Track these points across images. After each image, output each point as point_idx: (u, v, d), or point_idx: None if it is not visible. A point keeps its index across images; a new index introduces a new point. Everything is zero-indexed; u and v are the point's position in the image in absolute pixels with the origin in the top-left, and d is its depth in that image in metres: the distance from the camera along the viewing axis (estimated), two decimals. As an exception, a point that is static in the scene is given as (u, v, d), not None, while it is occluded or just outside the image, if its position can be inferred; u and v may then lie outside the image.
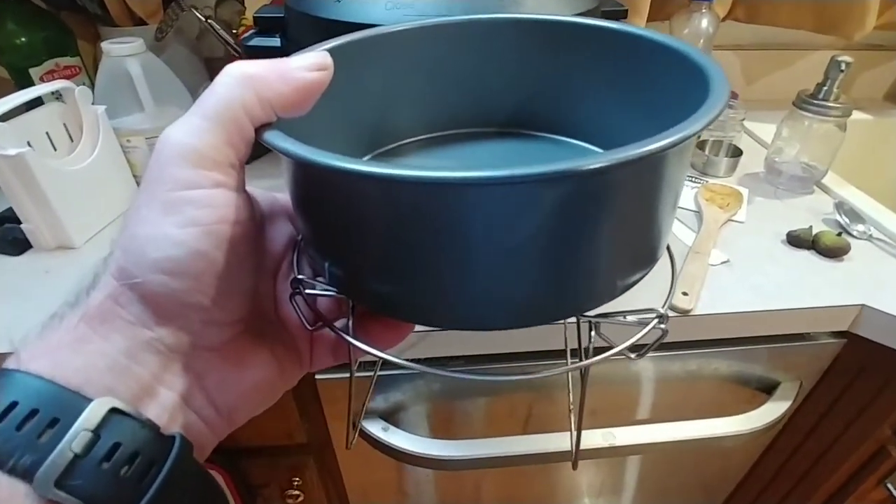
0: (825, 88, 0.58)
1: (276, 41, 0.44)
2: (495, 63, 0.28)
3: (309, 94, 0.19)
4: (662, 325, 0.21)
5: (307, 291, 0.22)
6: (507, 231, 0.16)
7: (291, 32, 0.43)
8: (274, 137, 0.17)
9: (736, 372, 0.54)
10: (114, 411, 0.16)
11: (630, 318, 0.21)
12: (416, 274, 0.18)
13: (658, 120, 0.22)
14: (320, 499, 0.66)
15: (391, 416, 0.53)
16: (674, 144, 0.15)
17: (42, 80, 0.63)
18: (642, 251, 0.20)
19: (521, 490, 0.70)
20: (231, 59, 0.22)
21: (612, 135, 0.27)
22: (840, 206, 0.57)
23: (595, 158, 0.14)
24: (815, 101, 0.58)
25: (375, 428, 0.52)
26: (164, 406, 0.18)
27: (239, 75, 0.18)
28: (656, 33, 0.24)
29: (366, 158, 0.28)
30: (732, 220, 0.57)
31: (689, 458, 0.68)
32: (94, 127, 0.55)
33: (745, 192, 0.62)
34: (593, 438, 0.52)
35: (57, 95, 0.54)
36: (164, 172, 0.18)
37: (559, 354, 0.49)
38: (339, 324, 0.23)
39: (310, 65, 0.19)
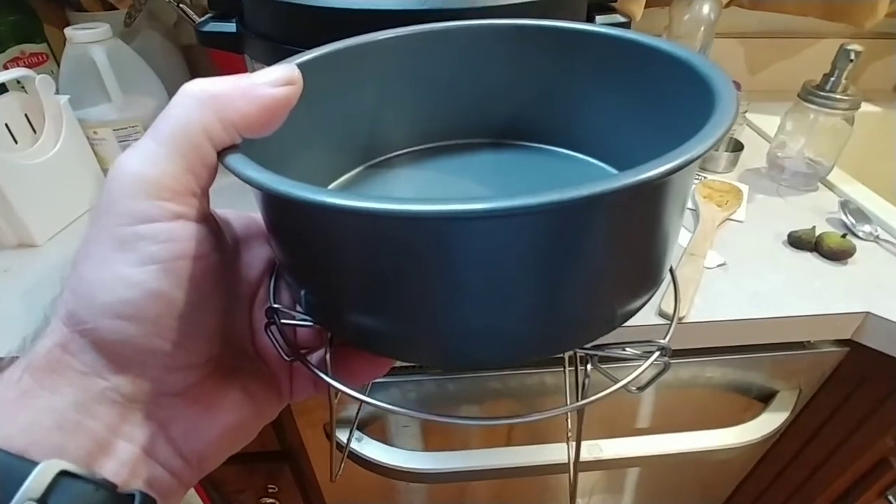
0: (833, 79, 0.54)
1: (231, 26, 0.40)
2: (490, 71, 0.27)
3: (276, 113, 0.17)
4: (664, 359, 0.20)
5: (283, 322, 0.20)
6: (497, 263, 0.15)
7: (248, 17, 0.40)
8: (237, 163, 0.16)
9: (731, 381, 0.52)
10: (63, 474, 0.15)
11: (630, 350, 0.20)
12: (396, 309, 0.17)
13: (661, 131, 0.21)
14: (298, 505, 0.64)
15: (367, 426, 0.51)
16: (679, 168, 0.14)
17: (6, 67, 0.60)
18: (645, 277, 0.18)
19: (513, 490, 0.68)
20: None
21: (612, 146, 0.26)
22: (845, 205, 0.54)
23: (585, 187, 0.13)
24: (822, 93, 0.55)
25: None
26: (122, 461, 0.17)
27: (197, 94, 0.16)
28: (660, 41, 0.22)
29: (358, 170, 0.27)
30: (731, 220, 0.54)
31: (684, 464, 0.65)
32: (56, 118, 0.52)
33: (745, 189, 0.59)
34: (578, 450, 0.50)
35: (21, 85, 0.52)
36: (116, 205, 0.16)
37: (554, 362, 0.47)
38: (319, 354, 0.22)
39: (275, 80, 0.17)
